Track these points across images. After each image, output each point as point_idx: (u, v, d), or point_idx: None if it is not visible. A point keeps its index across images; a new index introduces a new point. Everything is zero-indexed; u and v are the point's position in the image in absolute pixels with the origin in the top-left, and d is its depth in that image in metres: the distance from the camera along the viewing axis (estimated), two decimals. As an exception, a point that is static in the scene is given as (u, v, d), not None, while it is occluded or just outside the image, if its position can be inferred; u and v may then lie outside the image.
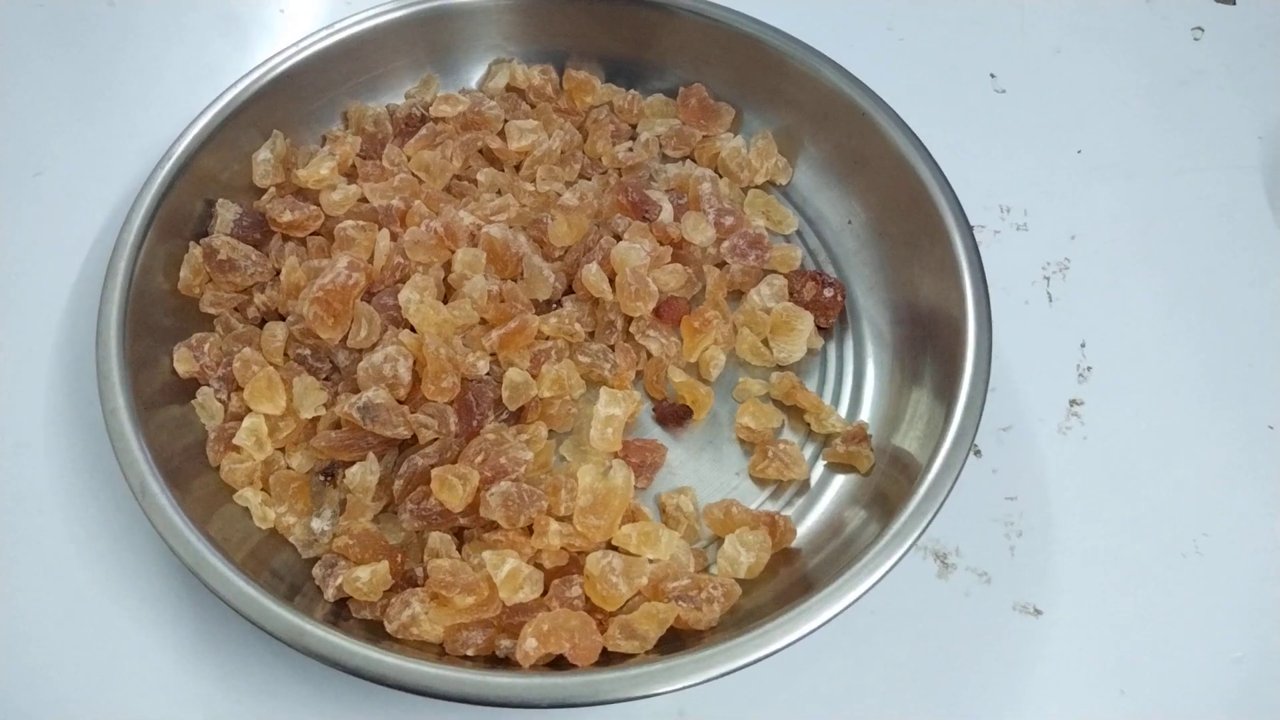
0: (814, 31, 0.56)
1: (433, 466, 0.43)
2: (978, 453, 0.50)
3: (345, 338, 0.47)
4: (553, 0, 0.58)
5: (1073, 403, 0.52)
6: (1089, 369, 0.53)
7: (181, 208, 0.49)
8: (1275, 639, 0.46)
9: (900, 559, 0.40)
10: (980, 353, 0.45)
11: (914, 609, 0.46)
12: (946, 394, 0.45)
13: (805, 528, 0.46)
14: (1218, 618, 0.46)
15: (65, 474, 0.47)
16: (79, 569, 0.45)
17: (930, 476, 0.42)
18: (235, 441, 0.45)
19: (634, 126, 0.58)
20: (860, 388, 0.51)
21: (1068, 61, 0.66)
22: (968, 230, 0.49)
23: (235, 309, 0.49)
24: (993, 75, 0.65)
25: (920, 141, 0.52)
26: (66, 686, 0.43)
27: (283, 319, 0.49)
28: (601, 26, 0.58)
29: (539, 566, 0.42)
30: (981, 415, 0.44)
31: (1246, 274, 0.57)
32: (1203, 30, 0.67)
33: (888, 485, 0.46)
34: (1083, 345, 0.54)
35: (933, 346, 0.49)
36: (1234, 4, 0.69)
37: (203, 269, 0.49)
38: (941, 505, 0.42)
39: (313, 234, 0.51)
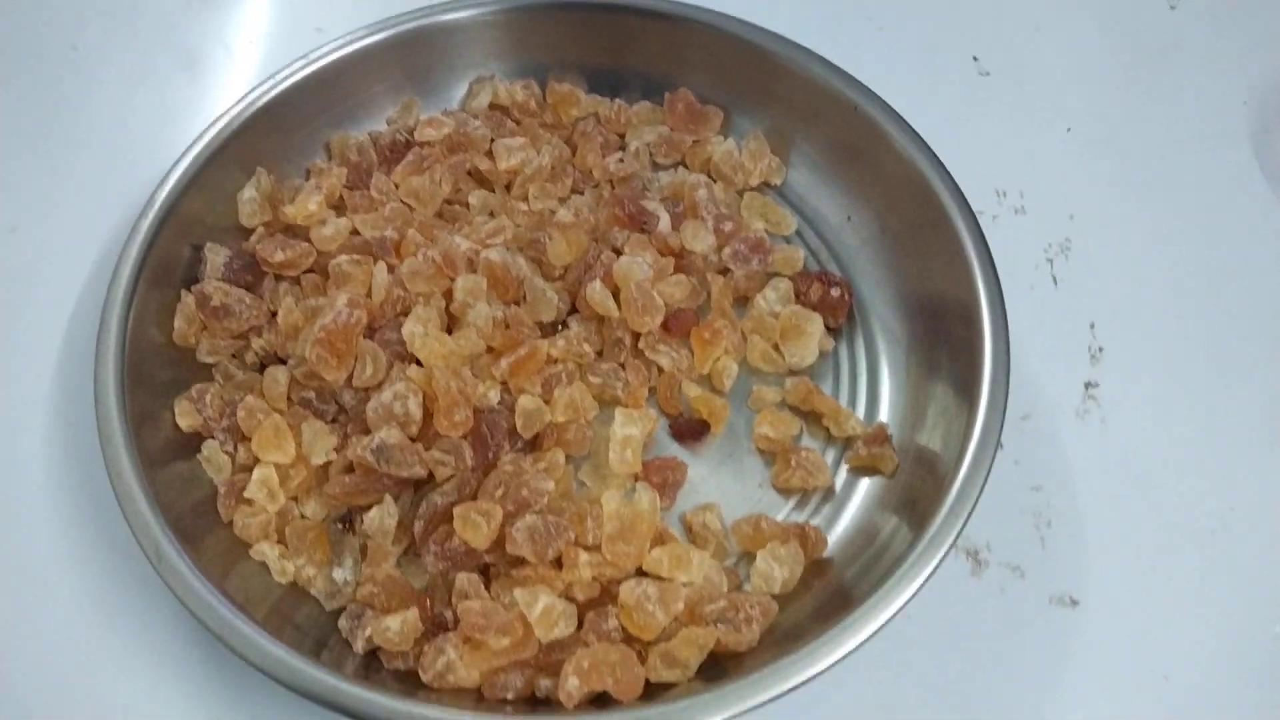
0: (792, 26, 0.55)
1: (453, 505, 0.42)
2: (1000, 445, 0.49)
3: (350, 377, 0.45)
4: (529, 13, 0.56)
5: (1088, 385, 0.51)
6: (1100, 350, 0.53)
7: (169, 256, 0.48)
8: (1312, 609, 0.46)
9: (938, 566, 0.40)
10: (998, 344, 0.45)
11: (950, 610, 0.45)
12: (966, 388, 0.45)
13: (835, 536, 0.46)
14: (1254, 591, 0.46)
15: (72, 540, 0.46)
16: (94, 635, 0.44)
17: (960, 478, 0.42)
18: (246, 494, 0.43)
19: (622, 136, 0.57)
20: (876, 386, 0.50)
21: (1048, 38, 0.65)
22: (970, 215, 0.48)
23: (233, 355, 0.48)
24: (975, 58, 0.64)
25: (914, 130, 0.51)
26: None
27: (283, 362, 0.47)
28: (580, 37, 0.57)
29: (571, 600, 0.41)
30: (1006, 410, 0.43)
31: (1245, 239, 0.57)
32: (1177, -2, 0.67)
33: (916, 486, 0.45)
34: (1092, 326, 0.53)
35: (946, 338, 0.48)
36: (1206, -31, 0.69)
37: (197, 317, 0.47)
38: (974, 507, 0.41)
39: (307, 271, 0.50)
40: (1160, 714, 0.43)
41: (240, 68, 0.61)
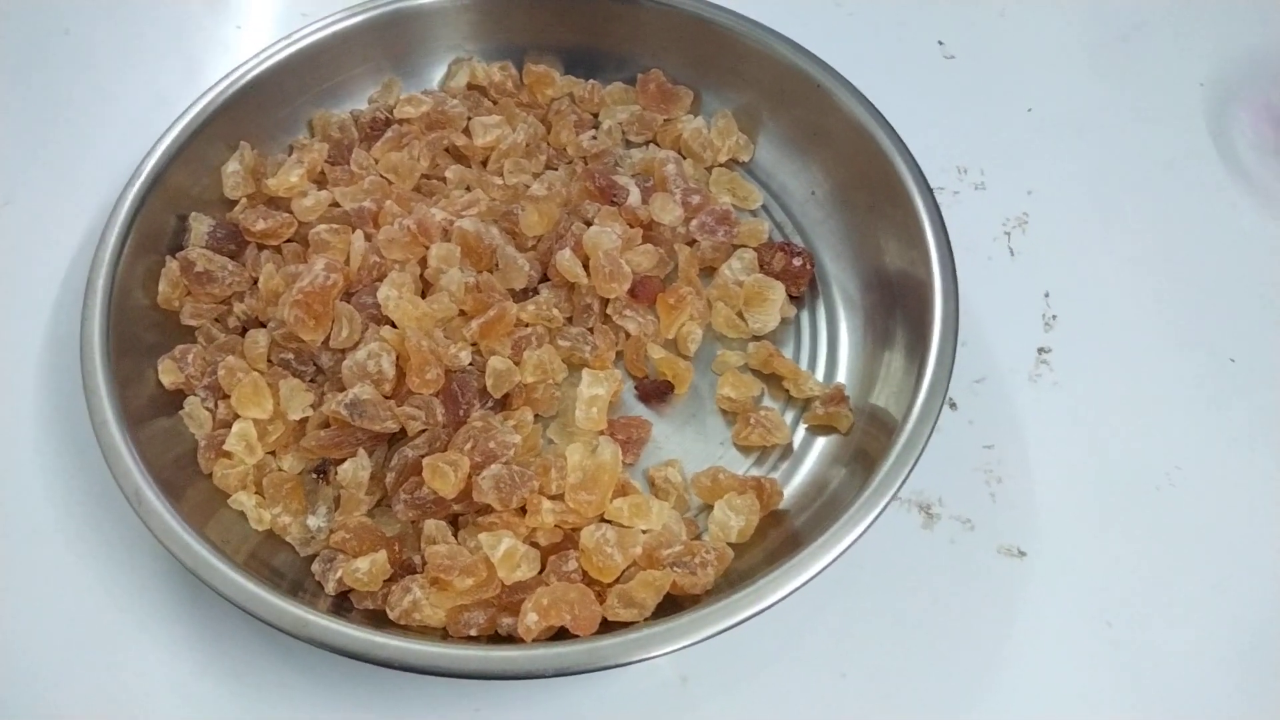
0: (763, 11, 0.57)
1: (423, 457, 0.44)
2: (953, 405, 0.51)
3: (327, 339, 0.47)
4: (506, -3, 0.59)
5: (1041, 351, 0.53)
6: (1054, 317, 0.54)
7: (155, 224, 0.50)
8: (1254, 560, 0.47)
9: (884, 509, 0.41)
10: (948, 305, 0.47)
11: (902, 560, 0.47)
12: (918, 350, 0.47)
13: (791, 489, 0.48)
14: (1197, 545, 0.48)
15: (60, 493, 0.48)
16: (80, 583, 0.46)
17: (907, 429, 0.44)
18: (226, 447, 0.45)
19: (596, 115, 0.59)
20: (835, 352, 0.52)
21: (1013, 24, 0.67)
22: (927, 189, 0.50)
23: (215, 320, 0.50)
24: (940, 42, 0.66)
25: (876, 109, 0.53)
26: (74, 695, 0.43)
27: (263, 326, 0.49)
28: (556, 20, 0.59)
29: (535, 545, 0.43)
30: (953, 366, 0.45)
31: (1198, 215, 0.59)
32: (1143, -16, 0.69)
33: (868, 443, 0.47)
34: (1046, 295, 0.55)
35: (902, 306, 0.50)
36: (1170, -43, 0.71)
37: (181, 282, 0.49)
38: (920, 456, 0.43)
39: (287, 241, 0.52)
40: (1101, 657, 0.45)
41: (228, 49, 0.64)
